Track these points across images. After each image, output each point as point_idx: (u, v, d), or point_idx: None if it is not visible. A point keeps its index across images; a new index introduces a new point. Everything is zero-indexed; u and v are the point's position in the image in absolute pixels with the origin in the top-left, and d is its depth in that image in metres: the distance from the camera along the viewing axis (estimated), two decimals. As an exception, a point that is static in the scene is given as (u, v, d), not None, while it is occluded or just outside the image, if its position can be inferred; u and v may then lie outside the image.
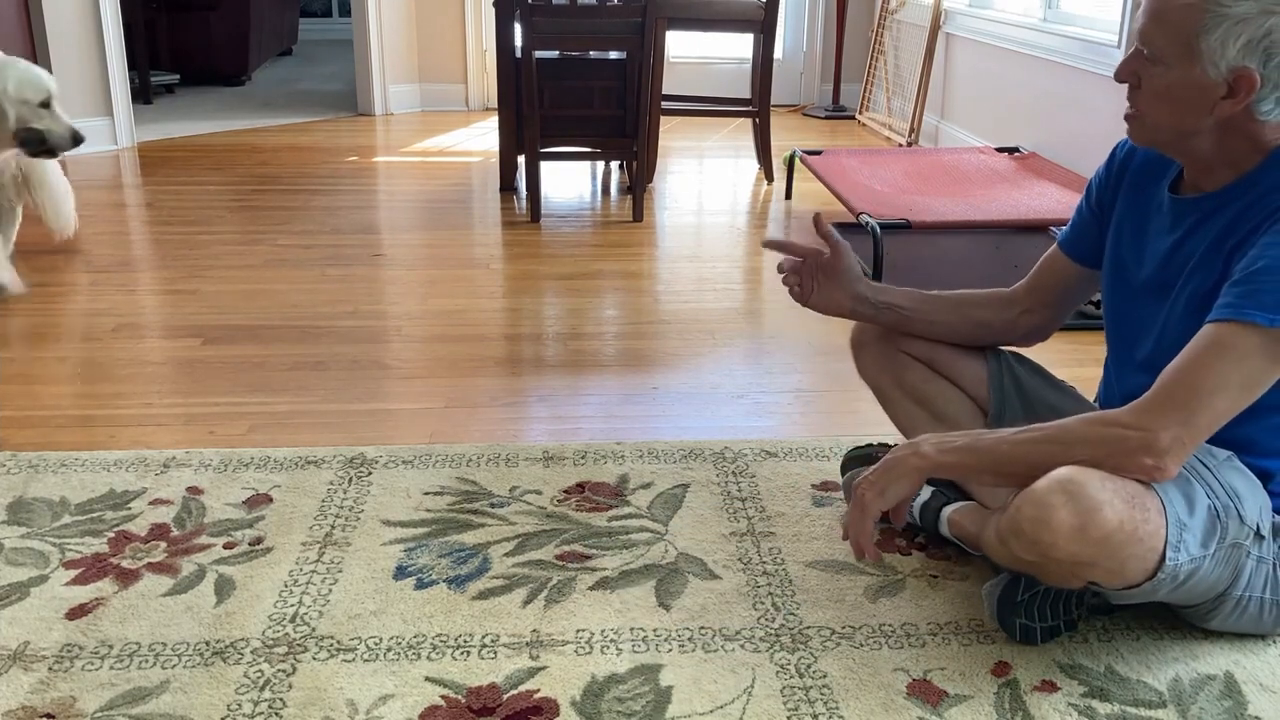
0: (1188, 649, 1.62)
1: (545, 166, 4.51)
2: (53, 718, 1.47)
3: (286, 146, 5.26)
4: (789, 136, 5.55)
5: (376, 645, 1.62)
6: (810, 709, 1.50)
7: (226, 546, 1.87)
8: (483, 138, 5.54)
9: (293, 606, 1.71)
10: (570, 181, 4.75)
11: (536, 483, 2.09)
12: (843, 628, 1.68)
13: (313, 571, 1.80)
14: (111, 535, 1.90)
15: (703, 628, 1.67)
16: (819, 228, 1.85)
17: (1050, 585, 1.58)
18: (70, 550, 1.86)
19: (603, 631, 1.66)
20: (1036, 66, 4.33)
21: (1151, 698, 1.53)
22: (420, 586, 1.77)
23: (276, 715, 1.48)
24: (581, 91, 4.17)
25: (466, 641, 1.63)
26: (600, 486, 2.09)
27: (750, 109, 4.78)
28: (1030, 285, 1.84)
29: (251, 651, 1.60)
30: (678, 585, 1.78)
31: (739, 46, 6.06)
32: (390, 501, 2.02)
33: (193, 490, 2.05)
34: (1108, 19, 3.82)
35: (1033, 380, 1.84)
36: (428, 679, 1.55)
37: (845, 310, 1.87)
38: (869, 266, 3.11)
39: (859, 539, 1.54)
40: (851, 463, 2.02)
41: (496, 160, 4.64)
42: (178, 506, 2.00)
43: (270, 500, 2.02)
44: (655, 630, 1.67)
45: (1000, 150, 4.30)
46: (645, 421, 2.42)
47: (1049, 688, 1.55)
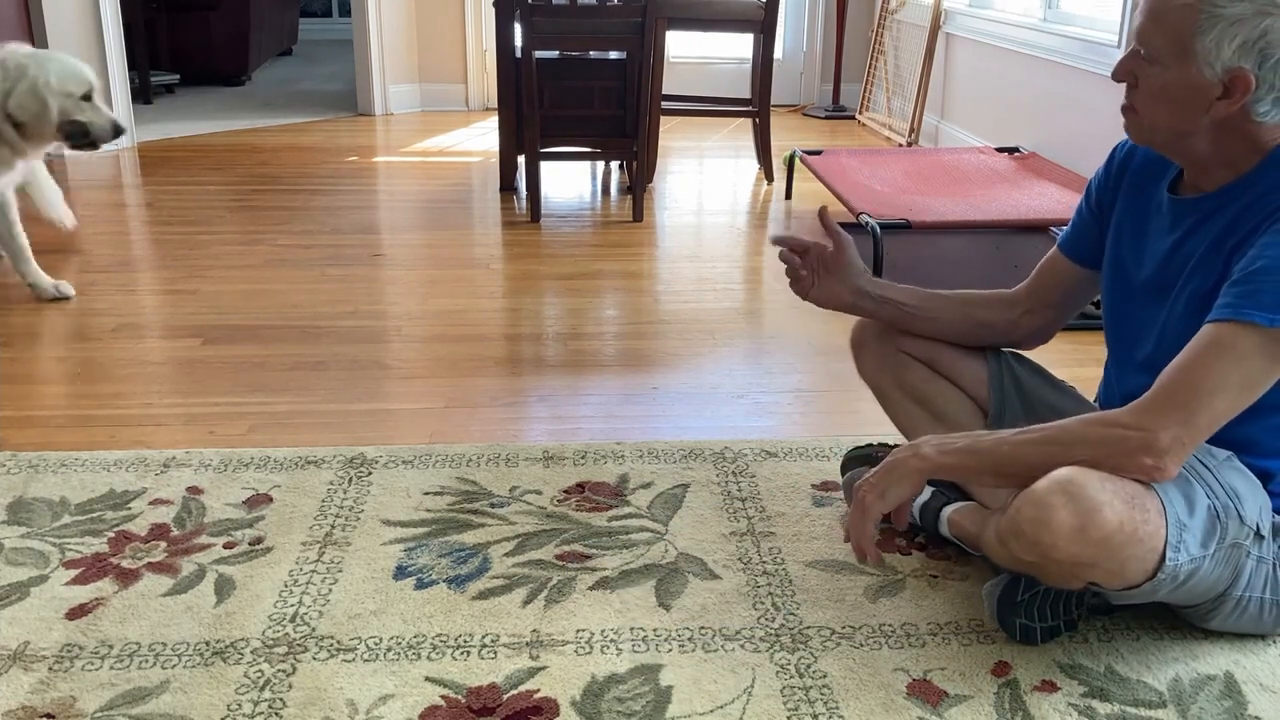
0: (1188, 649, 1.62)
1: (545, 166, 4.51)
2: (53, 718, 1.47)
3: (286, 146, 5.26)
4: (789, 136, 5.55)
5: (376, 645, 1.62)
6: (810, 709, 1.50)
7: (226, 546, 1.87)
8: (483, 138, 5.54)
9: (293, 606, 1.71)
10: (570, 181, 4.75)
11: (536, 483, 2.09)
12: (843, 628, 1.68)
13: (313, 571, 1.80)
14: (111, 535, 1.90)
15: (703, 628, 1.67)
16: (824, 221, 1.85)
17: (1050, 586, 1.58)
18: (70, 550, 1.86)
19: (603, 631, 1.66)
20: (1036, 66, 4.33)
21: (1151, 698, 1.53)
22: (420, 586, 1.77)
23: (276, 715, 1.48)
24: (581, 91, 4.17)
25: (466, 641, 1.63)
26: (600, 486, 2.09)
27: (750, 109, 4.78)
28: (1031, 287, 1.84)
29: (251, 651, 1.60)
30: (678, 585, 1.78)
31: (739, 46, 6.06)
32: (390, 501, 2.02)
33: (193, 490, 2.06)
34: (1107, 19, 3.82)
35: (1033, 380, 1.84)
36: (428, 679, 1.55)
37: (845, 304, 1.86)
38: (869, 266, 3.10)
39: (860, 541, 1.53)
40: (851, 463, 2.02)
41: (496, 160, 4.64)
42: (178, 506, 2.00)
43: (270, 500, 2.02)
44: (655, 630, 1.67)
45: (1000, 150, 4.30)
46: (645, 421, 2.42)
47: (1049, 688, 1.55)
